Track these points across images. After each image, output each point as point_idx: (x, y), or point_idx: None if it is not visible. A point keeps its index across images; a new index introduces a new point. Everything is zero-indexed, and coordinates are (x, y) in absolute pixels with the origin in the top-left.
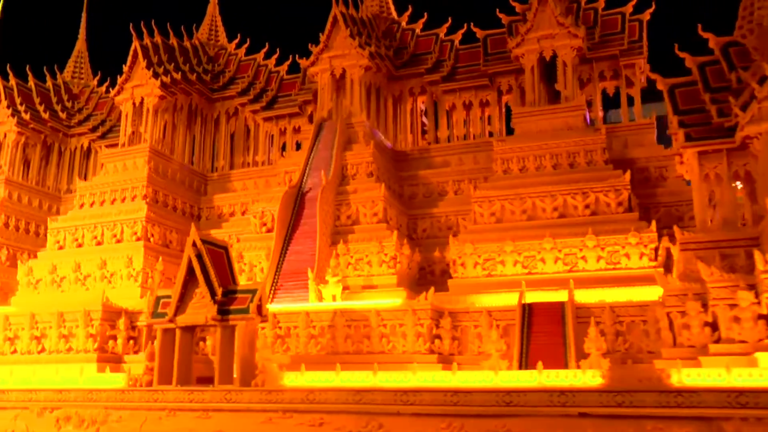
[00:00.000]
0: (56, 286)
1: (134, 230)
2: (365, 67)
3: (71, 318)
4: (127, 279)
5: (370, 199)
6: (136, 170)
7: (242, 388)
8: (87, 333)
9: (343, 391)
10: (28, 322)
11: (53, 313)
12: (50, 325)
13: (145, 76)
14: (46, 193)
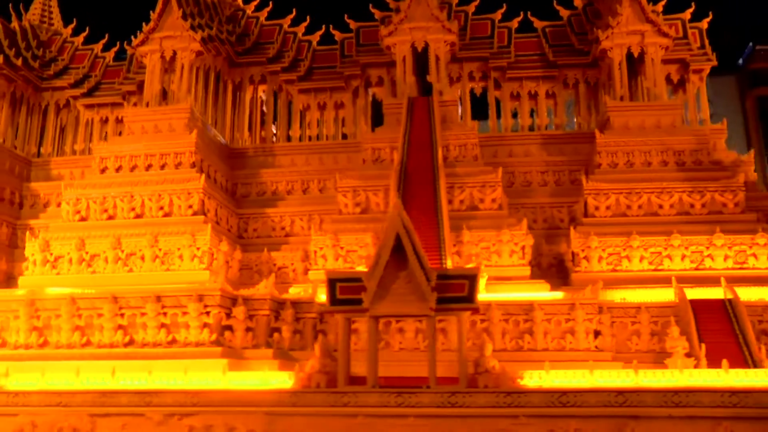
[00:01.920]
0: (85, 265)
1: (189, 203)
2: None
3: (172, 303)
4: (190, 260)
5: None
6: (174, 133)
7: (470, 390)
8: (201, 322)
9: (603, 392)
10: (108, 306)
11: (147, 297)
12: (140, 311)
13: None
14: (16, 155)
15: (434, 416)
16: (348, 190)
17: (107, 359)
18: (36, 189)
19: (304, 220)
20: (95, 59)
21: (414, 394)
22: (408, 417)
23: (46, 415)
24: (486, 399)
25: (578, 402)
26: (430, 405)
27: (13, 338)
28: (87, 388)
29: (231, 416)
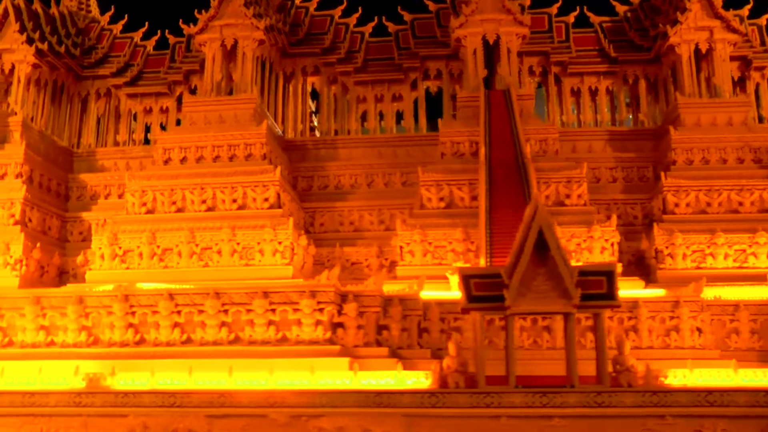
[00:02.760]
0: (157, 259)
1: (265, 196)
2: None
3: (281, 299)
4: (271, 255)
5: None
6: (240, 124)
7: (616, 389)
8: (314, 319)
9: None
10: (210, 302)
11: (253, 292)
12: (246, 308)
13: None
14: (59, 146)
15: (579, 417)
16: (431, 184)
17: (212, 357)
18: (83, 180)
19: (373, 214)
20: (135, 48)
21: (559, 393)
22: (553, 418)
23: (158, 416)
24: (632, 398)
25: (725, 401)
26: (576, 405)
27: (107, 335)
28: (203, 388)
29: (365, 418)
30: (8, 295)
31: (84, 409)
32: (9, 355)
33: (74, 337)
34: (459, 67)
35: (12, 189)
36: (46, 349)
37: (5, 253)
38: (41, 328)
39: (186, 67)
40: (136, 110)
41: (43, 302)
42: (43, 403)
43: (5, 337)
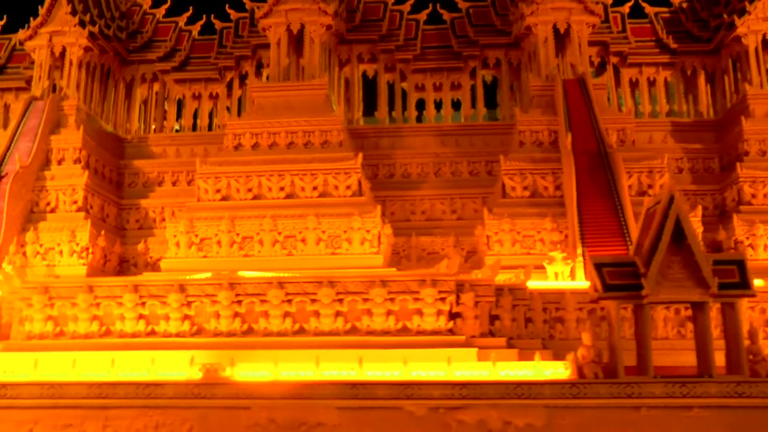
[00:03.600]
0: (237, 247)
1: (348, 183)
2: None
3: (399, 288)
4: (360, 243)
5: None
6: (311, 110)
7: (757, 380)
8: (436, 309)
9: None
10: (325, 291)
11: (370, 282)
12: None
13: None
14: (109, 132)
15: (719, 407)
16: (515, 173)
17: (329, 348)
18: (136, 167)
19: (445, 204)
20: (180, 33)
21: (699, 384)
22: (692, 408)
23: (285, 409)
24: None
25: None
26: (717, 395)
27: (212, 325)
28: (333, 380)
29: (505, 410)
30: (103, 284)
31: (203, 401)
32: (108, 345)
33: (177, 326)
34: (518, 56)
35: (72, 174)
36: (146, 339)
37: (71, 241)
38: (140, 317)
39: (237, 52)
40: (185, 95)
41: (142, 291)
42: (158, 395)
43: (102, 326)
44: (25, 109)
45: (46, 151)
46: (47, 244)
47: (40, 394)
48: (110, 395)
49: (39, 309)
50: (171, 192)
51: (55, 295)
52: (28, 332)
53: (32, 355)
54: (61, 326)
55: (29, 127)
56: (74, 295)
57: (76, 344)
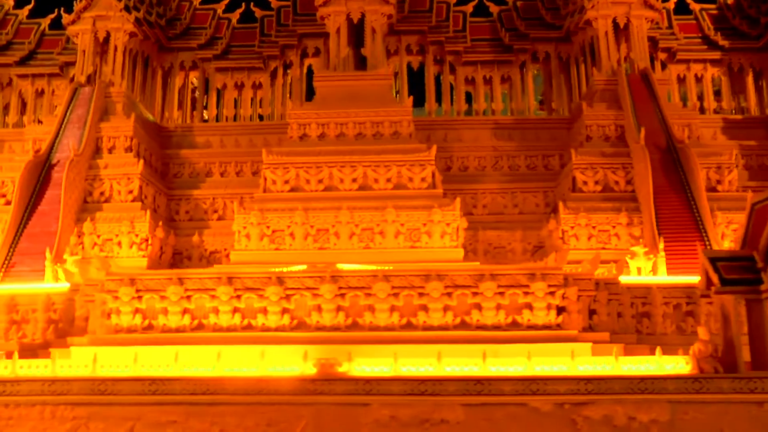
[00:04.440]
0: (311, 240)
1: (422, 176)
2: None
3: (508, 282)
4: (440, 237)
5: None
6: (374, 101)
7: None
8: (546, 303)
9: None
10: (433, 285)
11: (480, 275)
12: (472, 291)
13: None
14: (151, 121)
15: None
16: (586, 167)
17: (435, 342)
18: (184, 156)
19: (506, 198)
20: (219, 20)
21: None
22: None
23: (407, 405)
24: None
25: None
26: None
27: (314, 319)
28: (455, 375)
29: (630, 405)
30: (194, 276)
31: (318, 397)
32: (202, 339)
33: (276, 320)
34: (567, 50)
35: (126, 163)
36: (244, 333)
37: (131, 232)
38: (236, 310)
39: (282, 41)
40: (227, 84)
41: (236, 283)
42: (271, 391)
43: (194, 320)
44: (72, 95)
45: (96, 140)
46: (105, 235)
47: (142, 390)
48: (218, 391)
49: (127, 302)
50: (221, 183)
51: (142, 288)
52: (115, 325)
53: (122, 350)
54: (150, 319)
55: (77, 114)
56: (164, 288)
57: (167, 338)
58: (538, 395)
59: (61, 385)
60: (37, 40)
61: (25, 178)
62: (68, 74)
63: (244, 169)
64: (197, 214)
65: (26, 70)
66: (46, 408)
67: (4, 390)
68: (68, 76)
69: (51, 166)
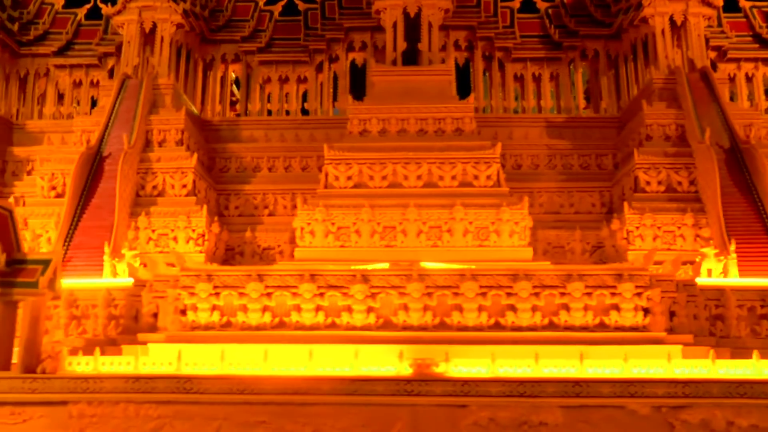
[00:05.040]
0: (378, 237)
1: (488, 173)
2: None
3: (593, 282)
4: (508, 236)
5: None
6: (432, 96)
7: None
8: (634, 304)
9: None
10: (522, 285)
11: (565, 275)
12: (559, 291)
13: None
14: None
15: None
16: (648, 167)
17: (523, 343)
18: (232, 150)
19: (562, 197)
20: (260, 13)
21: None
22: None
23: (506, 408)
24: None
25: None
26: None
27: (400, 318)
28: (556, 377)
29: (729, 410)
30: (274, 273)
31: (415, 398)
32: (284, 338)
33: (362, 319)
34: (617, 48)
35: (179, 156)
36: (327, 332)
37: (187, 227)
38: (318, 308)
39: (329, 35)
40: (271, 78)
41: (319, 281)
42: (367, 391)
43: (275, 318)
44: (120, 87)
45: (145, 132)
46: (160, 230)
47: (230, 389)
48: (311, 391)
49: (204, 298)
50: (269, 178)
51: (220, 284)
52: (191, 322)
53: (203, 347)
54: (228, 316)
55: (125, 106)
56: (243, 284)
57: (248, 336)
58: (636, 398)
59: (145, 383)
60: (74, 30)
61: (78, 170)
62: (106, 65)
63: (293, 165)
64: (247, 210)
65: (64, 61)
66: (130, 406)
67: (87, 387)
68: (106, 67)
69: (102, 159)
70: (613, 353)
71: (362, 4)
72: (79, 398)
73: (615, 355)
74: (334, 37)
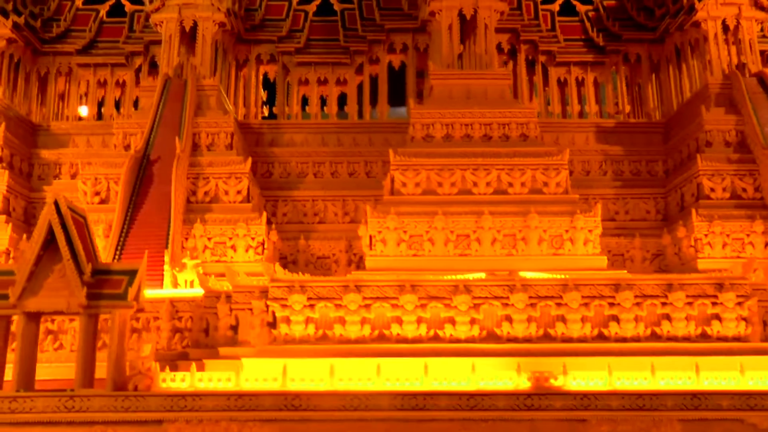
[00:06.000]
0: (452, 246)
1: (557, 180)
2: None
3: (694, 291)
4: (583, 244)
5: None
6: (492, 101)
7: None
8: (737, 314)
9: None
10: (625, 295)
11: (665, 284)
12: (660, 301)
13: None
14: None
15: None
16: (712, 173)
17: (627, 354)
18: (274, 155)
19: (617, 204)
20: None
21: None
22: None
23: (625, 421)
24: None
25: None
26: None
27: (504, 329)
28: (674, 389)
29: None
30: (372, 284)
31: (534, 413)
32: (384, 351)
33: (465, 331)
34: (659, 52)
35: (232, 161)
36: (430, 345)
37: (246, 235)
38: (420, 320)
39: (370, 36)
40: (309, 80)
41: (420, 292)
42: (486, 406)
43: (374, 330)
44: (163, 88)
45: (193, 135)
46: (216, 238)
47: (342, 405)
48: (428, 407)
49: (299, 310)
50: (318, 184)
51: (314, 296)
52: (284, 336)
53: (301, 362)
54: (323, 329)
55: (169, 108)
56: (339, 296)
57: (347, 350)
58: (756, 411)
59: (249, 400)
60: (96, 27)
61: (128, 175)
62: (133, 64)
63: (339, 170)
64: (296, 217)
65: (89, 59)
66: (233, 425)
67: (185, 405)
68: (134, 66)
69: (150, 163)
70: (722, 364)
71: (401, 4)
72: (176, 417)
73: (724, 366)
74: (376, 39)
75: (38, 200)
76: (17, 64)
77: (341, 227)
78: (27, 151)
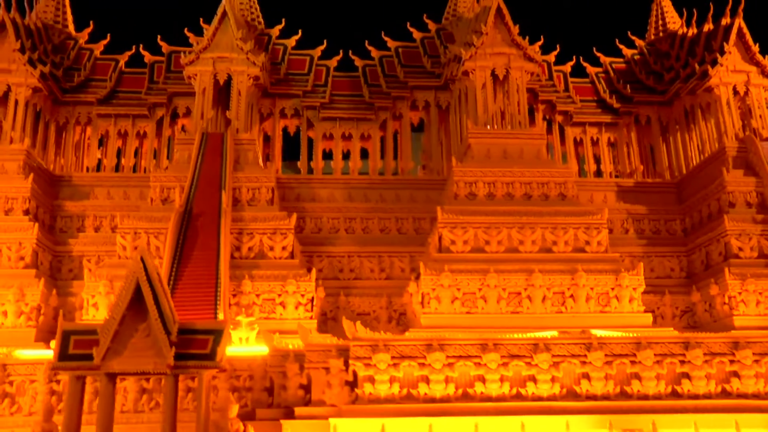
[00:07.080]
0: (504, 303)
1: (599, 239)
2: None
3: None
4: (628, 301)
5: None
6: (527, 161)
7: None
8: None
9: None
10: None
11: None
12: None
13: None
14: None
15: None
16: (739, 233)
17: (703, 412)
18: (306, 210)
19: (643, 261)
20: (317, 67)
21: None
22: None
23: None
24: None
25: None
26: None
27: (583, 387)
28: None
29: None
30: (455, 342)
31: None
32: (471, 410)
33: (547, 389)
34: (667, 114)
35: (275, 217)
36: (513, 404)
37: (296, 292)
38: (503, 378)
39: (395, 92)
40: (333, 135)
41: (501, 350)
42: None
43: (458, 389)
44: (201, 142)
45: (233, 190)
46: (264, 295)
47: None
48: None
49: (383, 369)
50: (352, 239)
51: (397, 354)
52: (368, 395)
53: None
54: (408, 388)
55: (207, 162)
56: (422, 354)
57: (434, 409)
58: None
59: None
60: (116, 77)
61: (173, 231)
62: (155, 115)
63: (371, 226)
64: (331, 273)
65: (109, 110)
66: None
67: None
68: (155, 117)
69: (193, 218)
70: None
71: (422, 62)
72: None
73: None
74: (400, 95)
75: (63, 254)
76: (38, 113)
77: (378, 283)
78: (50, 203)
